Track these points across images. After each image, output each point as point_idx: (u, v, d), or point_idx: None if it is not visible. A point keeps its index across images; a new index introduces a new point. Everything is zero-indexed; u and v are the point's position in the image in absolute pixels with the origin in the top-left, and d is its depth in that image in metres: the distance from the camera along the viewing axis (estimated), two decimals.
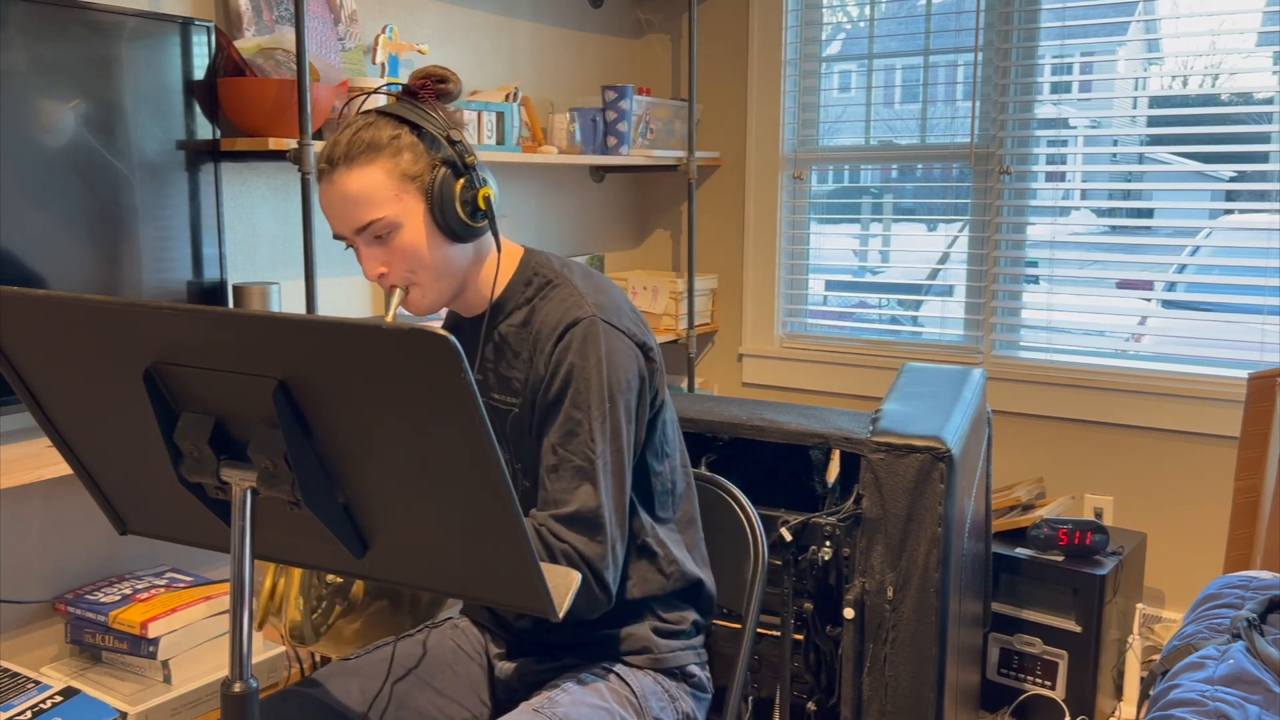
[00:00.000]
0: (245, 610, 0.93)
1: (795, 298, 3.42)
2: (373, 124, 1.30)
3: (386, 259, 1.31)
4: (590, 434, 1.28)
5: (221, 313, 0.86)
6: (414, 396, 0.83)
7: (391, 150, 1.29)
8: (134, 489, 1.04)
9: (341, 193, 1.28)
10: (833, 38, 3.40)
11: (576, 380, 1.30)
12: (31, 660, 1.94)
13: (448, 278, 1.35)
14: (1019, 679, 2.52)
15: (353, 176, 1.28)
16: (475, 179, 1.32)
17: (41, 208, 1.84)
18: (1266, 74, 2.70)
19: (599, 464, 1.28)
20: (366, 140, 1.28)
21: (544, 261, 1.42)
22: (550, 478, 1.29)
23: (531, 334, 1.36)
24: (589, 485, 1.27)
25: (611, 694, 1.33)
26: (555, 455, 1.29)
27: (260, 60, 2.16)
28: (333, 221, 1.32)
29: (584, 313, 1.32)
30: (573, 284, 1.37)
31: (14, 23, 1.77)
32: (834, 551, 2.04)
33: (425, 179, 1.30)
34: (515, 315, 1.39)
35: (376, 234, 1.29)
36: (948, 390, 2.19)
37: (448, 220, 1.30)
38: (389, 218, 1.28)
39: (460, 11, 2.84)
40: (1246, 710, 1.29)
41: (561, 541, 1.25)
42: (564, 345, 1.31)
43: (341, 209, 1.29)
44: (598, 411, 1.29)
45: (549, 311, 1.35)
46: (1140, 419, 2.80)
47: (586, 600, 1.27)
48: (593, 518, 1.27)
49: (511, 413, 1.38)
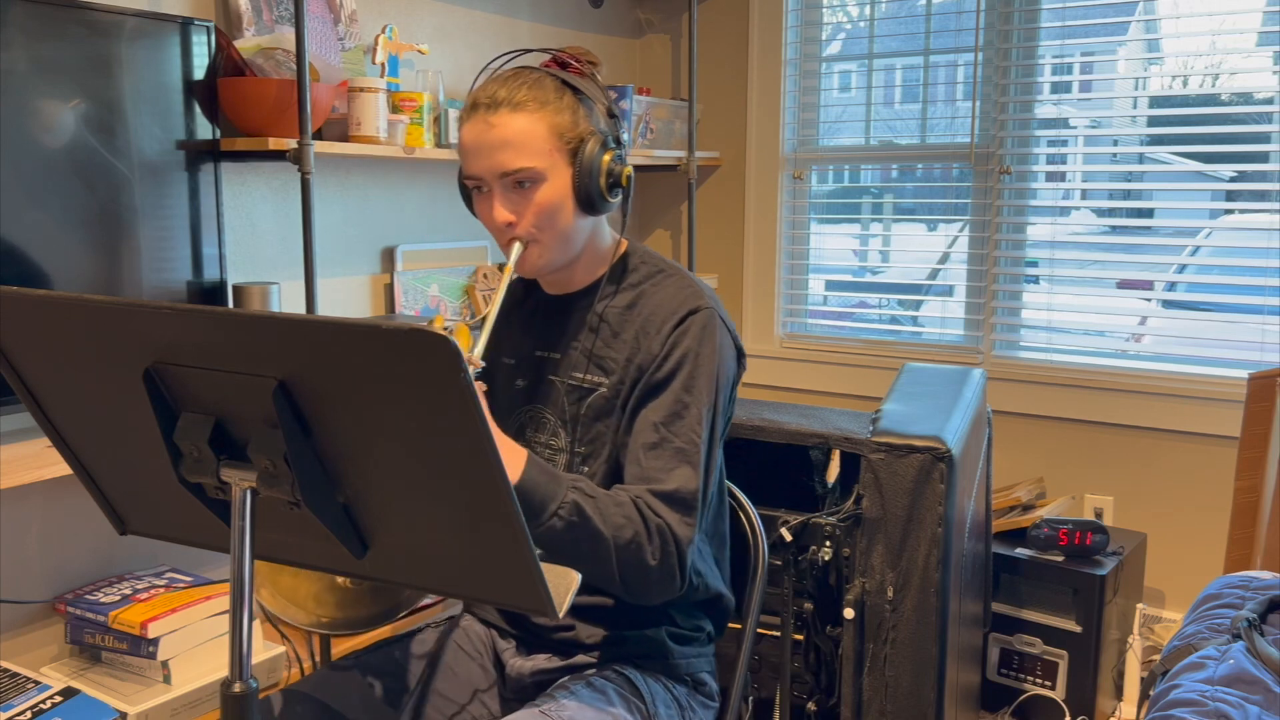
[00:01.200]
0: (245, 610, 0.93)
1: (795, 298, 3.42)
2: (539, 80, 1.31)
3: (519, 209, 1.32)
4: (697, 418, 1.32)
5: (221, 313, 0.86)
6: (414, 396, 0.83)
7: (555, 107, 1.30)
8: (134, 489, 1.04)
9: (500, 134, 1.29)
10: (833, 38, 3.40)
11: (690, 364, 1.33)
12: (31, 660, 1.94)
13: (568, 245, 1.36)
14: (1019, 679, 2.51)
15: (516, 120, 1.28)
16: (622, 156, 1.35)
17: (41, 208, 1.84)
18: (1266, 74, 2.70)
19: (700, 449, 1.31)
20: (534, 93, 1.30)
21: (651, 252, 1.46)
22: (647, 454, 1.31)
23: (640, 316, 1.38)
24: (689, 468, 1.30)
25: (621, 699, 1.33)
26: (657, 433, 1.31)
27: (260, 60, 2.16)
28: (476, 161, 1.31)
29: (704, 304, 1.36)
30: (688, 277, 1.41)
31: (14, 23, 1.77)
32: (834, 551, 2.04)
33: (577, 144, 1.32)
34: (619, 297, 1.41)
35: (519, 180, 1.30)
36: (948, 390, 2.19)
37: (589, 190, 1.32)
38: (538, 168, 1.29)
39: (460, 11, 2.84)
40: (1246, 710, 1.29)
41: (657, 516, 1.26)
42: (683, 329, 1.34)
43: (493, 150, 1.29)
44: (706, 398, 1.33)
45: (665, 297, 1.38)
46: (1140, 419, 2.80)
47: (664, 581, 1.28)
48: (690, 499, 1.29)
49: (595, 392, 1.39)
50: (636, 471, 1.31)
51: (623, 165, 1.35)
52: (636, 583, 1.27)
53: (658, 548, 1.25)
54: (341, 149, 2.29)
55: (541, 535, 1.19)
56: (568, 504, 1.19)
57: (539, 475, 1.19)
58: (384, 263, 2.69)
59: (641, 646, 1.40)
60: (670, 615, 1.42)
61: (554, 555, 1.24)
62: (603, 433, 1.38)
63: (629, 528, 1.23)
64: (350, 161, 2.54)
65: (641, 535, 1.24)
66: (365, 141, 2.33)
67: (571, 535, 1.20)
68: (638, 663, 1.39)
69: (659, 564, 1.26)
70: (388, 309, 2.70)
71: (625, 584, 1.27)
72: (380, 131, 2.34)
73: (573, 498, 1.20)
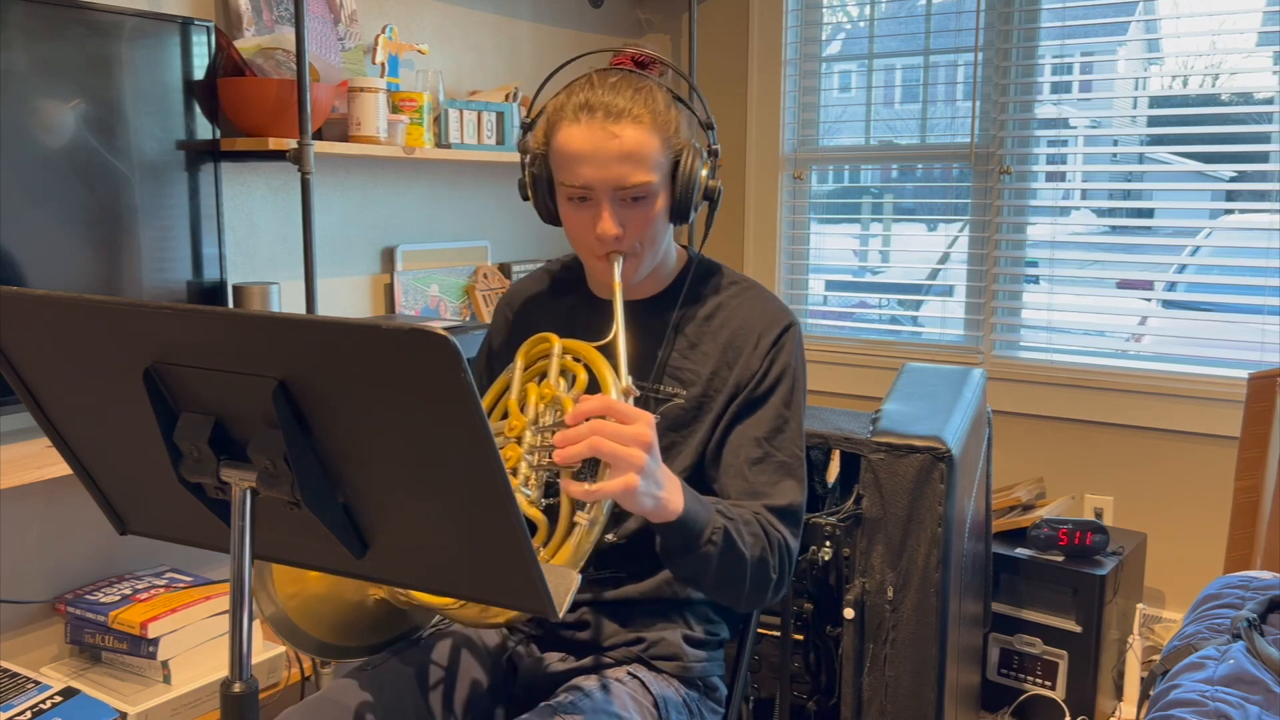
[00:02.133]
0: (245, 610, 0.93)
1: (795, 298, 3.42)
2: (648, 88, 1.29)
3: (626, 222, 1.29)
4: (797, 432, 1.34)
5: (221, 313, 0.86)
6: (414, 396, 0.83)
7: (667, 119, 1.29)
8: (134, 489, 1.04)
9: (623, 147, 1.25)
10: (833, 38, 3.40)
11: (789, 379, 1.35)
12: (31, 660, 1.94)
13: (656, 255, 1.36)
14: (1019, 679, 2.51)
15: (639, 133, 1.25)
16: (716, 169, 1.35)
17: (41, 208, 1.84)
18: (1266, 74, 2.71)
19: (803, 461, 1.34)
20: (651, 105, 1.27)
21: (717, 262, 1.47)
22: (753, 469, 1.32)
23: (725, 329, 1.38)
24: (793, 481, 1.32)
25: (634, 703, 1.32)
26: (760, 448, 1.32)
27: (260, 60, 2.16)
28: (589, 170, 1.26)
29: (793, 320, 1.39)
30: (768, 291, 1.44)
31: (14, 23, 1.77)
32: (834, 551, 2.04)
33: (677, 156, 1.31)
34: (693, 309, 1.40)
35: (634, 195, 1.27)
36: (948, 390, 2.19)
37: (685, 203, 1.31)
38: (655, 183, 1.28)
39: (460, 11, 2.84)
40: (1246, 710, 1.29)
41: (777, 531, 1.28)
42: (781, 345, 1.36)
43: (615, 162, 1.25)
44: (802, 414, 1.36)
45: (754, 311, 1.39)
46: (1140, 419, 2.80)
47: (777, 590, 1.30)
48: (799, 512, 1.32)
49: (669, 401, 1.37)
50: (743, 486, 1.31)
51: (715, 180, 1.35)
52: (759, 595, 1.28)
53: (778, 562, 1.27)
54: (341, 149, 2.30)
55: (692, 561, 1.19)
56: (719, 529, 1.19)
57: (695, 503, 1.18)
58: (384, 263, 2.69)
59: (657, 649, 1.39)
60: (686, 619, 1.41)
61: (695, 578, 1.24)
62: (677, 442, 1.37)
63: (758, 546, 1.25)
64: (350, 161, 2.54)
65: (768, 553, 1.26)
66: (365, 141, 2.33)
67: (720, 560, 1.20)
68: (652, 665, 1.39)
69: (778, 577, 1.28)
70: (388, 309, 2.70)
71: (749, 597, 1.27)
72: (380, 131, 2.34)
73: (722, 523, 1.20)
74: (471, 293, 2.86)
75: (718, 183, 1.35)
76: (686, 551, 1.18)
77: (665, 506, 1.14)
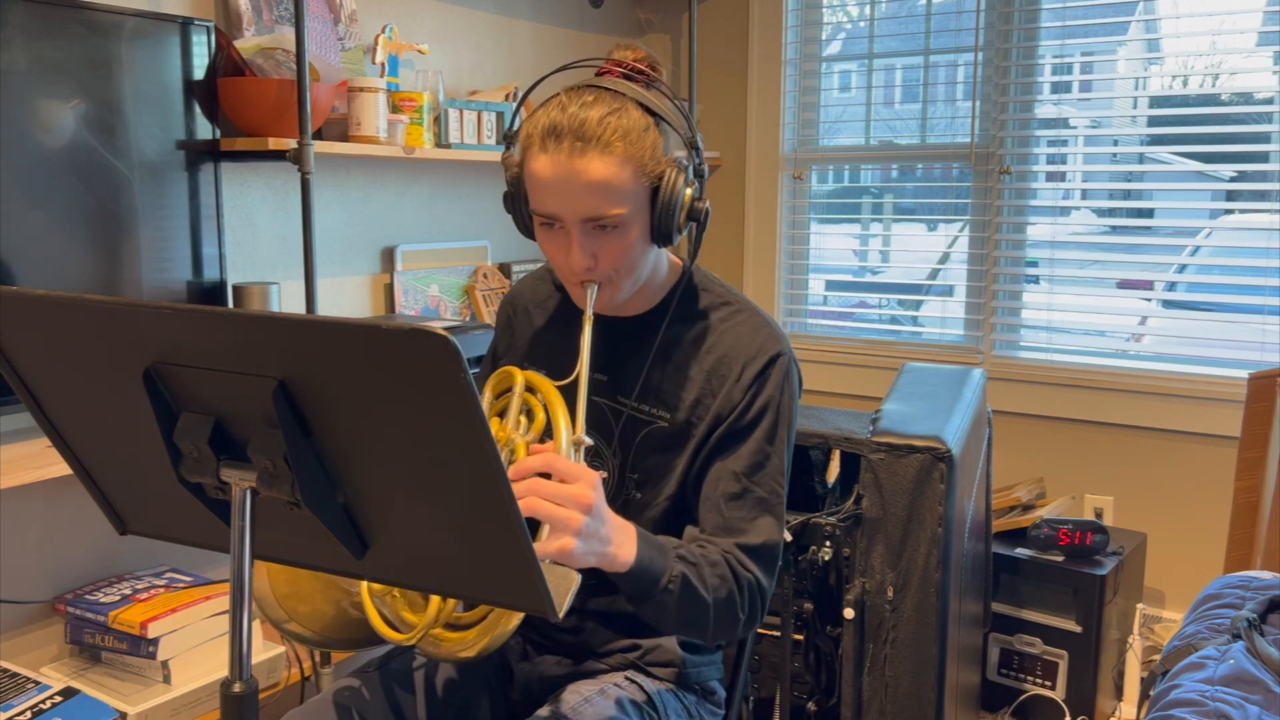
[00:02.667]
0: (245, 610, 0.93)
1: (795, 298, 3.42)
2: (623, 109, 1.20)
3: (597, 252, 1.23)
4: (779, 468, 1.30)
5: (221, 313, 0.86)
6: (414, 396, 0.83)
7: (641, 142, 1.20)
8: (134, 489, 1.04)
9: (590, 179, 1.18)
10: (833, 38, 3.40)
11: (772, 413, 1.30)
12: (31, 660, 1.94)
13: (638, 280, 1.30)
14: (1019, 679, 2.51)
15: (605, 163, 1.18)
16: (702, 189, 1.27)
17: (41, 208, 1.84)
18: (1266, 74, 2.70)
19: (783, 497, 1.31)
20: (622, 127, 1.19)
21: (710, 277, 1.40)
22: (729, 504, 1.28)
23: (711, 355, 1.33)
24: (771, 518, 1.28)
25: (632, 706, 1.32)
26: (739, 483, 1.28)
27: (260, 60, 2.16)
28: (554, 200, 1.21)
29: (783, 348, 1.32)
30: (760, 313, 1.37)
31: (14, 23, 1.77)
32: (834, 551, 2.04)
33: (657, 178, 1.22)
34: (681, 328, 1.35)
35: (602, 225, 1.21)
36: (948, 390, 2.19)
37: (667, 228, 1.24)
38: (627, 214, 1.21)
39: (460, 11, 2.84)
40: (1246, 710, 1.29)
41: (747, 571, 1.25)
42: (765, 378, 1.30)
43: (582, 193, 1.19)
44: (786, 448, 1.31)
45: (742, 338, 1.33)
46: (1140, 419, 2.80)
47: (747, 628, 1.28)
48: (775, 552, 1.28)
49: (653, 424, 1.34)
50: (718, 521, 1.28)
51: (702, 201, 1.27)
52: (723, 633, 1.27)
53: (747, 602, 1.25)
54: (341, 149, 2.30)
55: (651, 606, 1.18)
56: (676, 578, 1.17)
57: (650, 551, 1.16)
58: (384, 263, 2.69)
59: (654, 654, 1.39)
60: None
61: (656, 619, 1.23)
62: (661, 464, 1.34)
63: (724, 588, 1.23)
64: (350, 161, 2.54)
65: (735, 593, 1.24)
66: (365, 141, 2.33)
67: (678, 605, 1.19)
68: (649, 670, 1.39)
69: (747, 617, 1.26)
70: (388, 309, 2.70)
71: (714, 635, 1.27)
72: (380, 131, 2.34)
73: (680, 570, 1.18)
74: (471, 293, 2.86)
75: (705, 203, 1.27)
76: (643, 599, 1.17)
77: (614, 560, 1.11)
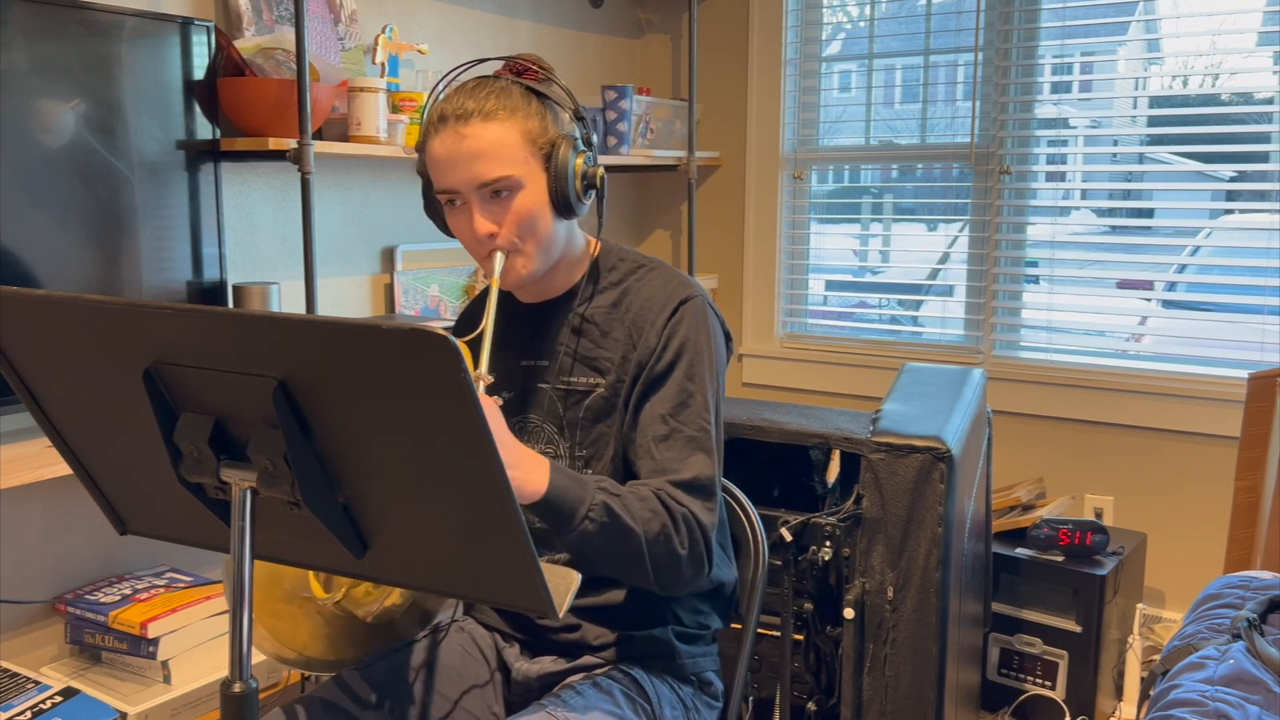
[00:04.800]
0: (245, 610, 0.93)
1: (795, 298, 3.42)
2: (505, 88, 1.30)
3: (499, 219, 1.31)
4: (704, 405, 1.33)
5: (221, 313, 0.86)
6: (414, 396, 0.83)
7: (525, 114, 1.30)
8: (134, 489, 1.04)
9: (474, 145, 1.28)
10: (833, 38, 3.40)
11: (690, 353, 1.33)
12: (31, 660, 1.94)
13: (548, 252, 1.36)
14: (1019, 679, 2.51)
15: (488, 130, 1.28)
16: (593, 158, 1.35)
17: (41, 208, 1.84)
18: (1266, 74, 2.70)
19: (711, 434, 1.32)
20: (502, 100, 1.29)
21: (626, 249, 1.46)
22: (660, 446, 1.31)
23: (629, 312, 1.38)
24: (703, 454, 1.31)
25: (627, 700, 1.33)
26: (666, 425, 1.32)
27: (260, 60, 2.16)
28: (451, 174, 1.30)
29: (694, 292, 1.37)
30: (671, 268, 1.42)
31: (14, 23, 1.77)
32: (834, 551, 2.04)
33: (549, 149, 1.31)
34: (601, 298, 1.41)
35: (496, 190, 1.29)
36: (948, 390, 2.19)
37: (565, 194, 1.31)
38: (516, 176, 1.29)
39: (460, 11, 2.84)
40: (1246, 710, 1.29)
41: (681, 505, 1.27)
42: (678, 319, 1.35)
43: (468, 161, 1.28)
44: (710, 385, 1.34)
45: (654, 289, 1.38)
46: (1140, 419, 2.80)
47: (693, 567, 1.29)
48: (709, 485, 1.30)
49: (592, 393, 1.38)
50: (651, 465, 1.31)
51: (595, 167, 1.35)
52: (669, 573, 1.28)
53: (685, 536, 1.26)
54: (341, 149, 2.29)
55: (575, 539, 1.20)
56: (597, 505, 1.20)
57: (566, 481, 1.19)
58: (384, 263, 2.69)
59: (647, 647, 1.39)
60: (676, 614, 1.41)
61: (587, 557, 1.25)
62: (605, 433, 1.38)
63: (656, 520, 1.24)
64: (350, 161, 2.54)
65: (669, 526, 1.25)
66: (365, 141, 2.33)
67: (604, 536, 1.21)
68: (644, 663, 1.39)
69: (689, 552, 1.27)
70: (388, 309, 2.70)
71: (658, 576, 1.27)
72: (380, 131, 2.34)
73: (601, 498, 1.21)
74: (471, 293, 2.86)
75: (598, 169, 1.35)
76: (563, 529, 1.20)
77: (521, 489, 1.15)
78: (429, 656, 1.44)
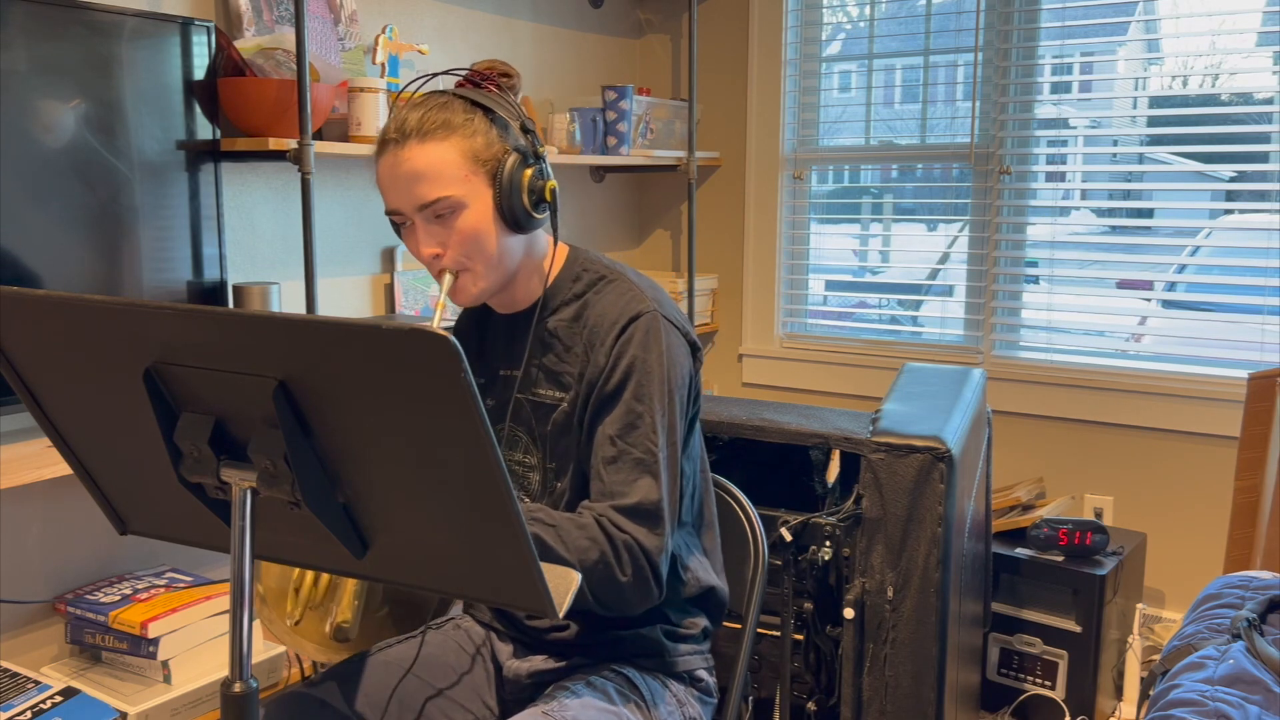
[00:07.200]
0: (245, 610, 0.93)
1: (795, 298, 3.42)
2: (446, 104, 1.29)
3: (444, 240, 1.30)
4: (652, 427, 1.30)
5: (221, 313, 0.86)
6: (414, 396, 0.83)
7: (466, 131, 1.28)
8: (134, 489, 1.04)
9: (411, 167, 1.26)
10: (833, 38, 3.40)
11: (638, 373, 1.31)
12: (31, 660, 1.94)
13: (501, 268, 1.34)
14: (1019, 679, 2.51)
15: (425, 150, 1.26)
16: (544, 170, 1.33)
17: (41, 208, 1.84)
18: (1266, 74, 2.70)
19: (660, 457, 1.29)
20: (441, 118, 1.27)
21: (593, 259, 1.43)
22: (608, 469, 1.29)
23: (586, 327, 1.36)
24: (649, 478, 1.28)
25: (621, 698, 1.33)
26: (614, 447, 1.30)
27: (260, 60, 2.16)
28: (393, 196, 1.29)
29: (646, 307, 1.34)
30: (629, 280, 1.38)
31: (14, 23, 1.77)
32: (834, 551, 2.04)
33: (495, 164, 1.29)
34: (565, 310, 1.39)
35: (438, 212, 1.28)
36: (948, 390, 2.19)
37: (513, 209, 1.29)
38: (456, 196, 1.27)
39: (460, 11, 2.84)
40: (1246, 710, 1.29)
41: (623, 532, 1.26)
42: (626, 338, 1.32)
43: (407, 183, 1.27)
44: (659, 405, 1.30)
45: (608, 305, 1.35)
46: (1140, 419, 2.80)
47: (640, 593, 1.28)
48: (654, 510, 1.28)
49: (558, 408, 1.38)
50: (599, 487, 1.30)
51: (545, 180, 1.32)
52: (612, 600, 1.27)
53: (627, 563, 1.25)
54: (341, 149, 2.30)
55: None
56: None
57: None
58: (384, 263, 2.69)
59: (638, 646, 1.40)
60: (665, 614, 1.42)
61: None
62: (568, 448, 1.38)
63: (594, 549, 1.23)
64: (350, 161, 2.54)
65: (609, 554, 1.24)
66: (365, 141, 2.33)
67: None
68: (635, 662, 1.39)
69: (631, 578, 1.26)
70: (388, 309, 2.70)
71: (601, 603, 1.27)
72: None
73: (532, 531, 1.18)
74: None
75: (546, 181, 1.32)
76: None
77: None
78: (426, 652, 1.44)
